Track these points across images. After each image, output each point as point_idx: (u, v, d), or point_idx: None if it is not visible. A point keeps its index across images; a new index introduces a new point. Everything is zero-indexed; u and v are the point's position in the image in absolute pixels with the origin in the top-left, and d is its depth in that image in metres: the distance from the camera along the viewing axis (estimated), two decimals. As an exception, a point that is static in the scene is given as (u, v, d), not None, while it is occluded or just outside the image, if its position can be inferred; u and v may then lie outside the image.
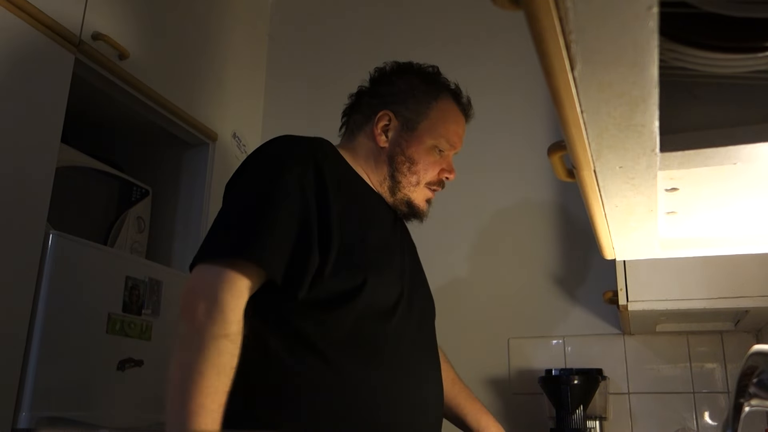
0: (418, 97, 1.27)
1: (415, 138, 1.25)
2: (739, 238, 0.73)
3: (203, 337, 0.94)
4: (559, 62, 0.39)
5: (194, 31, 2.06)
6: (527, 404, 1.89)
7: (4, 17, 1.40)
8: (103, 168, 1.86)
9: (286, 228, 1.02)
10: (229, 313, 0.95)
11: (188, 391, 0.92)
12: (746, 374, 0.59)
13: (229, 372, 0.94)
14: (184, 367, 0.94)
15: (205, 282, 0.98)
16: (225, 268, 0.97)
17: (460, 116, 1.30)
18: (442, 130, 1.26)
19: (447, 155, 1.29)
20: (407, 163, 1.24)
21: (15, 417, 1.36)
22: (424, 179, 1.26)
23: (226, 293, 0.96)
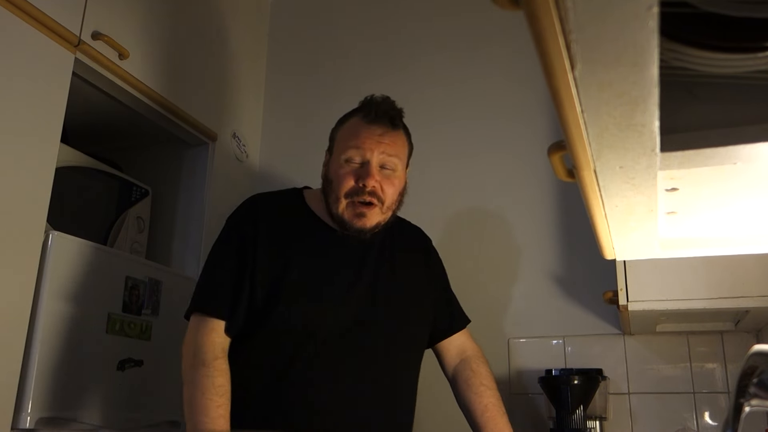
0: (334, 128, 1.46)
1: (331, 161, 1.42)
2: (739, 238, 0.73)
3: (187, 371, 1.27)
4: (559, 62, 0.39)
5: (194, 31, 2.06)
6: (527, 404, 1.89)
7: (4, 17, 1.40)
8: (103, 168, 1.86)
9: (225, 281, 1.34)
10: (201, 346, 1.28)
11: (189, 415, 1.23)
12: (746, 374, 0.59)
13: (212, 389, 1.23)
14: (185, 399, 1.26)
15: (188, 332, 1.33)
16: (199, 316, 1.33)
17: (361, 125, 1.39)
18: (344, 143, 1.38)
19: (367, 166, 1.36)
20: (328, 185, 1.40)
21: (15, 417, 1.36)
22: (341, 192, 1.36)
23: (198, 334, 1.30)
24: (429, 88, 2.25)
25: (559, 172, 0.56)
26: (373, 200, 1.35)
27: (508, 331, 1.96)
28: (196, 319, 1.32)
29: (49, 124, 1.51)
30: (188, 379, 1.26)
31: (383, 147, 1.37)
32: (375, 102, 1.40)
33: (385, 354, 1.37)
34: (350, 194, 1.35)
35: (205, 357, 1.26)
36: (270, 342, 1.32)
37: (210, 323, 1.30)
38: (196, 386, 1.23)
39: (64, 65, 1.55)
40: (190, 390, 1.24)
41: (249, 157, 2.32)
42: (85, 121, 1.94)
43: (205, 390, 1.22)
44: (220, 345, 1.29)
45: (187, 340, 1.31)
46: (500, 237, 2.05)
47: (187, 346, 1.30)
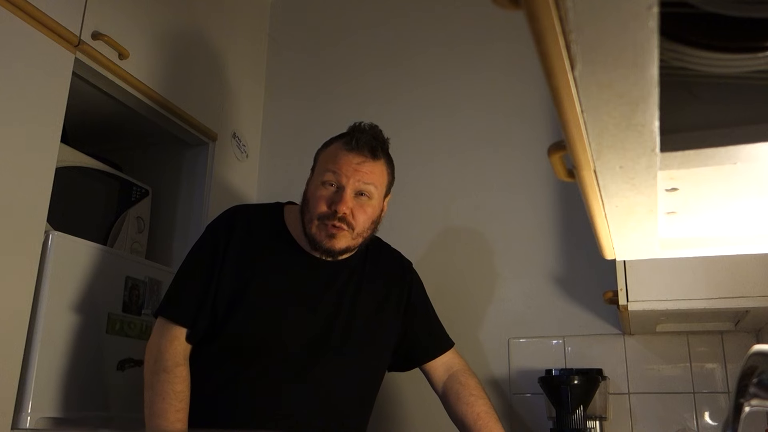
0: (319, 150, 1.49)
1: (311, 181, 1.46)
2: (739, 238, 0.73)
3: (148, 377, 1.32)
4: (559, 62, 0.39)
5: (194, 31, 2.06)
6: (527, 404, 1.89)
7: (4, 17, 1.40)
8: (103, 168, 1.86)
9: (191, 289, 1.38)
10: (164, 353, 1.33)
11: (148, 418, 1.28)
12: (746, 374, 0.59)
13: (172, 394, 1.29)
14: (145, 402, 1.31)
15: (152, 336, 1.38)
16: (163, 321, 1.38)
17: (342, 151, 1.42)
18: (323, 167, 1.42)
19: (341, 191, 1.39)
20: (304, 204, 1.44)
21: (15, 417, 1.36)
22: (315, 213, 1.40)
23: (161, 339, 1.35)
24: (429, 88, 2.25)
25: (559, 172, 0.56)
26: (342, 225, 1.39)
27: (508, 331, 1.96)
28: (162, 323, 1.37)
29: (49, 124, 1.51)
30: (149, 384, 1.31)
31: (360, 175, 1.40)
32: (359, 130, 1.44)
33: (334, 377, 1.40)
34: (322, 217, 1.39)
35: (167, 363, 1.31)
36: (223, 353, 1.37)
37: (173, 330, 1.35)
38: (156, 392, 1.28)
39: (64, 65, 1.55)
40: (150, 395, 1.30)
41: (249, 157, 2.32)
42: (85, 121, 1.94)
43: (165, 395, 1.28)
44: (181, 352, 1.34)
45: (150, 344, 1.36)
46: (500, 237, 2.05)
47: (150, 351, 1.35)
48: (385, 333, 1.51)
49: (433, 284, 2.07)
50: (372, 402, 1.52)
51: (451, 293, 2.04)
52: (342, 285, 1.46)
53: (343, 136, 1.45)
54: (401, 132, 2.24)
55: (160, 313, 1.39)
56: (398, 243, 2.21)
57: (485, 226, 2.07)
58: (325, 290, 1.44)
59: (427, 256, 2.10)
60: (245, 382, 1.35)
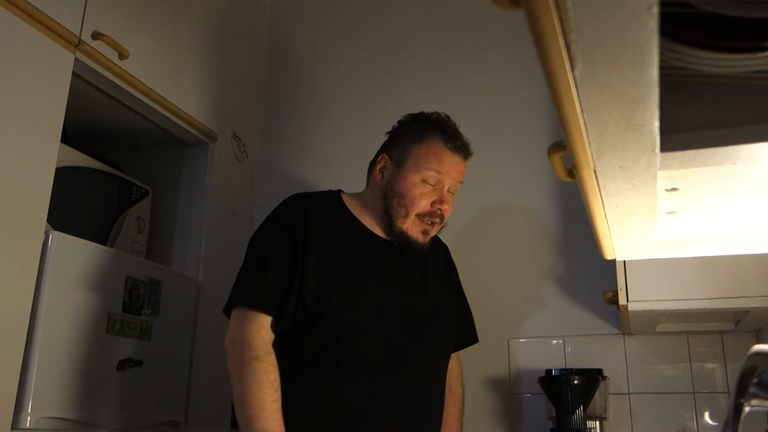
0: (406, 139, 1.45)
1: (402, 175, 1.42)
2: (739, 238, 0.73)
3: (239, 367, 1.27)
4: (559, 62, 0.39)
5: (194, 31, 2.06)
6: (527, 404, 1.89)
7: (4, 17, 1.40)
8: (103, 168, 1.86)
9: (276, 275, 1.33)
10: (252, 342, 1.27)
11: (243, 410, 1.23)
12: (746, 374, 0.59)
13: (267, 383, 1.24)
14: (237, 394, 1.26)
15: (233, 327, 1.32)
16: (244, 311, 1.32)
17: (445, 151, 1.42)
18: (426, 164, 1.40)
19: (440, 188, 1.41)
20: (396, 197, 1.41)
21: (15, 417, 1.36)
22: (413, 211, 1.39)
23: (247, 329, 1.29)
24: (429, 88, 2.25)
25: (559, 172, 0.56)
26: (437, 221, 1.42)
27: (508, 331, 1.96)
28: (243, 313, 1.32)
29: (49, 124, 1.51)
30: (240, 375, 1.26)
31: (458, 176, 1.43)
32: (455, 128, 1.45)
33: (422, 363, 1.41)
34: (422, 215, 1.40)
35: (258, 352, 1.27)
36: (314, 344, 1.33)
37: (259, 319, 1.30)
38: (251, 381, 1.24)
39: (64, 65, 1.55)
40: (243, 385, 1.24)
41: (249, 157, 2.32)
42: (85, 121, 1.94)
43: (262, 385, 1.23)
44: (269, 341, 1.30)
45: (234, 336, 1.31)
46: (500, 237, 2.05)
47: (234, 342, 1.30)
48: (449, 319, 1.53)
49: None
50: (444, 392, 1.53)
51: (451, 293, 2.04)
52: (410, 271, 1.46)
53: (439, 130, 1.44)
54: (401, 132, 2.24)
55: (241, 303, 1.33)
56: (398, 243, 2.21)
57: (485, 226, 2.07)
58: (399, 277, 1.44)
59: (427, 256, 2.10)
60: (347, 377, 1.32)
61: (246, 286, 1.35)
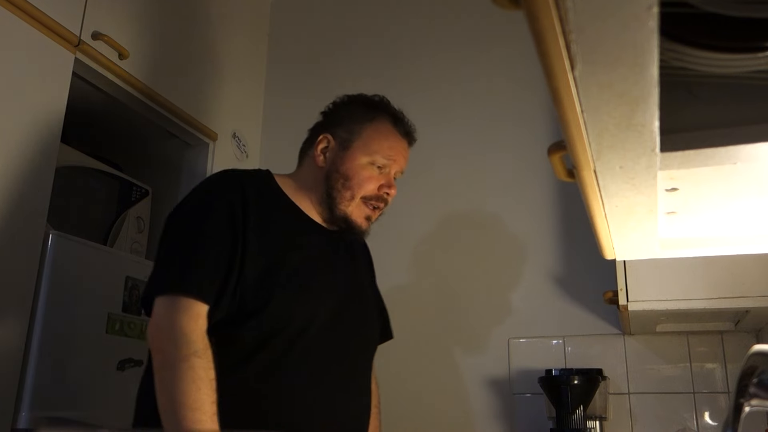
0: (354, 119, 1.36)
1: (348, 155, 1.33)
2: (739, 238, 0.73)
3: (174, 362, 1.09)
4: (559, 62, 0.39)
5: (194, 31, 2.06)
6: (527, 404, 1.89)
7: (4, 17, 1.40)
8: (103, 168, 1.86)
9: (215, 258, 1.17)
10: (190, 334, 1.11)
11: (176, 411, 1.07)
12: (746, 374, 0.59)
13: (207, 383, 1.09)
14: (168, 393, 1.09)
15: (164, 315, 1.14)
16: (177, 298, 1.14)
17: (396, 135, 1.36)
18: (377, 146, 1.33)
19: (387, 172, 1.34)
20: (341, 180, 1.32)
21: (15, 417, 1.36)
22: (358, 194, 1.32)
23: (182, 318, 1.12)
24: (429, 88, 2.25)
25: (559, 172, 0.56)
26: (381, 206, 1.35)
27: (508, 331, 1.96)
28: (175, 300, 1.14)
29: (49, 124, 1.51)
30: (177, 371, 1.09)
31: (404, 163, 1.38)
32: (402, 113, 1.40)
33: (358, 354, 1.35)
34: (368, 198, 1.33)
35: (198, 346, 1.10)
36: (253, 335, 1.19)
37: (196, 307, 1.13)
38: (189, 380, 1.08)
39: (64, 65, 1.55)
40: (180, 383, 1.07)
41: (249, 157, 2.32)
42: (85, 121, 1.94)
43: (201, 384, 1.08)
44: (205, 333, 1.14)
45: (165, 326, 1.12)
46: (500, 237, 2.05)
47: (168, 333, 1.12)
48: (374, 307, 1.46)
49: (434, 284, 2.07)
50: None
51: (451, 293, 2.04)
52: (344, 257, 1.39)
53: (388, 114, 1.38)
54: (401, 132, 2.24)
55: (173, 289, 1.15)
56: (398, 243, 2.21)
57: (485, 227, 2.07)
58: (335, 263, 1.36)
59: (427, 256, 2.10)
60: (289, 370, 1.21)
61: (178, 270, 1.17)
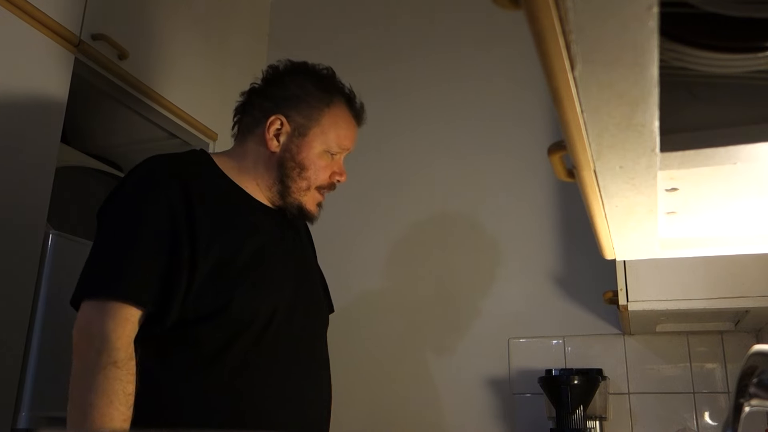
0: (311, 103, 1.28)
1: (306, 143, 1.26)
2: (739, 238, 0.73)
3: (92, 370, 1.00)
4: (559, 62, 0.39)
5: (194, 31, 2.06)
6: (527, 404, 1.89)
7: (4, 17, 1.40)
8: (103, 168, 1.86)
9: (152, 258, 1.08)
10: (115, 341, 1.02)
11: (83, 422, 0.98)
12: (746, 374, 0.59)
13: (122, 398, 1.00)
14: (78, 401, 1.00)
15: (89, 318, 1.05)
16: (105, 301, 1.05)
17: (351, 120, 1.32)
18: (333, 135, 1.28)
19: (338, 158, 1.30)
20: (297, 169, 1.26)
21: (15, 417, 1.36)
22: (314, 183, 1.27)
23: (108, 322, 1.03)
24: (430, 89, 2.25)
25: (559, 172, 0.56)
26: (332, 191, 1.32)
27: (508, 331, 1.96)
28: (102, 304, 1.05)
29: (49, 124, 1.51)
30: (90, 379, 1.00)
31: (353, 145, 1.34)
32: (353, 93, 1.34)
33: (316, 341, 1.30)
34: (322, 187, 1.29)
35: (118, 355, 1.01)
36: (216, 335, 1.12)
37: (125, 311, 1.04)
38: (102, 391, 0.98)
39: (64, 65, 1.55)
40: (91, 394, 0.98)
41: (249, 157, 2.32)
42: (85, 121, 1.94)
43: (114, 398, 0.99)
44: (132, 342, 1.05)
45: (88, 328, 1.04)
46: (500, 237, 2.05)
47: (88, 336, 1.03)
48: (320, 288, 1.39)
49: (433, 284, 2.07)
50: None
51: (451, 293, 2.04)
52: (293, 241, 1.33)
53: (342, 93, 1.32)
54: (401, 133, 2.24)
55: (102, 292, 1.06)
56: (398, 244, 2.21)
57: (485, 227, 2.08)
58: (292, 248, 1.30)
59: (427, 256, 2.10)
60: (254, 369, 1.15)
61: (108, 272, 1.08)
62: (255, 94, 1.33)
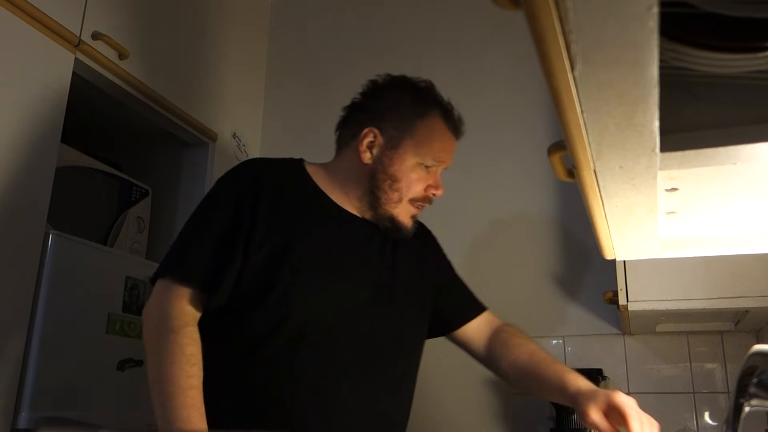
0: (404, 114, 1.27)
1: (398, 156, 1.25)
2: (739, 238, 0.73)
3: (151, 340, 1.12)
4: (559, 62, 0.39)
5: (194, 31, 2.06)
6: (527, 404, 1.89)
7: (4, 17, 1.40)
8: (103, 168, 1.86)
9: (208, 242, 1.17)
10: (170, 312, 1.13)
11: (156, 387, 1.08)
12: (746, 374, 0.59)
13: (182, 358, 1.09)
14: (149, 369, 1.11)
15: (152, 298, 1.17)
16: (164, 281, 1.16)
17: (447, 133, 1.29)
18: (427, 147, 1.25)
19: (434, 171, 1.28)
20: (388, 181, 1.25)
21: (15, 417, 1.36)
22: (406, 196, 1.26)
23: (165, 299, 1.14)
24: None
25: (559, 172, 0.56)
26: (427, 205, 1.30)
27: (508, 331, 1.96)
28: (165, 284, 1.16)
29: (49, 124, 1.51)
30: (153, 348, 1.11)
31: (451, 159, 1.31)
32: (450, 105, 1.32)
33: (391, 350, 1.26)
34: (416, 200, 1.27)
35: (173, 323, 1.11)
36: (257, 329, 1.16)
37: (180, 290, 1.14)
38: (164, 355, 1.08)
39: (64, 65, 1.55)
40: (155, 360, 1.10)
41: (249, 157, 2.32)
42: (85, 121, 1.94)
43: (174, 359, 1.08)
44: (190, 313, 1.14)
45: (150, 306, 1.16)
46: (500, 237, 2.05)
47: (150, 314, 1.15)
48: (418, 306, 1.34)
49: (433, 284, 2.07)
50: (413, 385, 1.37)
51: (451, 293, 2.04)
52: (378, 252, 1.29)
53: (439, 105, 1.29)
54: (401, 132, 2.24)
55: (162, 274, 1.17)
56: (398, 243, 2.20)
57: (485, 226, 2.07)
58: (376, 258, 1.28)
59: (427, 256, 2.10)
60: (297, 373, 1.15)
61: (173, 256, 1.19)
62: (353, 108, 1.34)
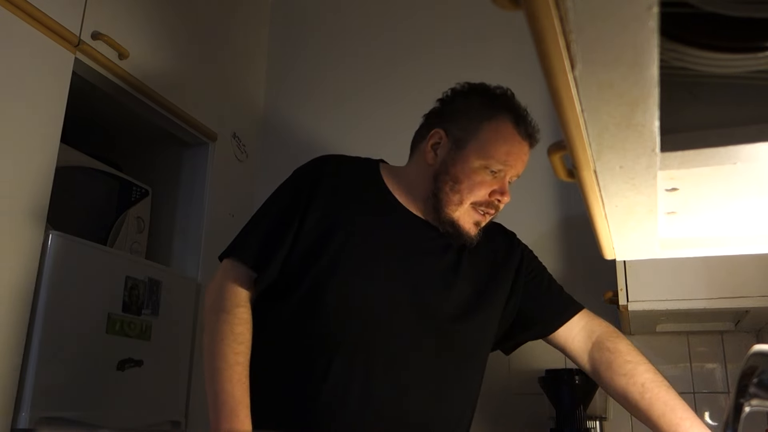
0: (470, 116, 1.26)
1: (461, 157, 1.23)
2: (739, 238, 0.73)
3: (208, 317, 1.21)
4: (559, 62, 0.39)
5: (194, 30, 2.06)
6: (527, 404, 1.89)
7: (4, 17, 1.40)
8: (103, 168, 1.86)
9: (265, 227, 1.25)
10: (224, 292, 1.21)
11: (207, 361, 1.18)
12: (746, 374, 0.59)
13: (231, 336, 1.17)
14: (204, 341, 1.21)
15: (215, 277, 1.26)
16: (228, 262, 1.26)
17: (516, 137, 1.25)
18: (492, 150, 1.22)
19: (501, 177, 1.24)
20: (450, 182, 1.23)
21: (15, 417, 1.36)
22: (468, 199, 1.23)
23: (222, 279, 1.23)
24: (429, 87, 2.24)
25: (559, 172, 0.56)
26: (493, 212, 1.27)
27: (508, 331, 1.96)
28: (224, 264, 1.26)
29: (49, 124, 1.51)
30: (207, 324, 1.21)
31: (522, 167, 1.27)
32: (525, 110, 1.29)
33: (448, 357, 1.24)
34: (478, 204, 1.23)
35: (226, 303, 1.20)
36: (294, 314, 1.21)
37: (237, 270, 1.23)
38: (215, 333, 1.18)
39: (64, 65, 1.55)
40: (209, 337, 1.19)
41: (249, 157, 2.32)
42: (85, 121, 1.94)
43: (224, 336, 1.17)
44: (244, 294, 1.21)
45: (211, 284, 1.25)
46: (500, 237, 2.05)
47: (209, 292, 1.25)
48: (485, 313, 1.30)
49: (433, 284, 2.07)
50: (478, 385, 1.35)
51: (451, 293, 2.03)
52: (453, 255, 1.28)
53: (510, 110, 1.27)
54: (401, 133, 2.23)
55: (225, 255, 1.26)
56: (398, 243, 2.20)
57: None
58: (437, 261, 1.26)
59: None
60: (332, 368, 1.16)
61: (236, 238, 1.29)
62: (429, 114, 1.36)
